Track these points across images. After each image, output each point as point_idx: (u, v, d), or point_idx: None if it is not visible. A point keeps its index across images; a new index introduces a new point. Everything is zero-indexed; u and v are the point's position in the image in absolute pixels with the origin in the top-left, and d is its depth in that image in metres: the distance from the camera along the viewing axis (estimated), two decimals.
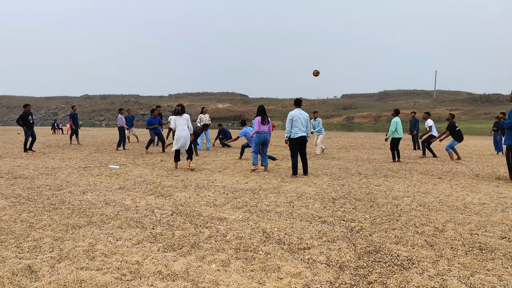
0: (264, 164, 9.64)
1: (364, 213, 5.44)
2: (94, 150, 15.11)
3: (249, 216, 5.22)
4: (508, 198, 6.44)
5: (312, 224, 4.85)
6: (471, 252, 3.88)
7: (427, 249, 3.96)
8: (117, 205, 5.78)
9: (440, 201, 6.19)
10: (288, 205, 5.88)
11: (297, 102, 9.18)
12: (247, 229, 4.60)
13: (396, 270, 3.41)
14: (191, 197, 6.38)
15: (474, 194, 6.77)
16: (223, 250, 3.89)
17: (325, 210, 5.59)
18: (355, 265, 3.53)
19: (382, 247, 4.00)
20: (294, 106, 9.16)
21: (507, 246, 4.07)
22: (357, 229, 4.65)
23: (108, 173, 8.88)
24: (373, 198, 6.43)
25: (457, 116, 74.08)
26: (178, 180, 8.06)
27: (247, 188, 7.24)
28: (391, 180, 8.26)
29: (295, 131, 8.81)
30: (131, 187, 7.27)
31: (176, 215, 5.23)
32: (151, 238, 4.25)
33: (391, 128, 11.79)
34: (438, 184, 7.81)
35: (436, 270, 3.41)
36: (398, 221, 5.00)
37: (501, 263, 3.59)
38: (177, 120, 9.56)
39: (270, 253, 3.81)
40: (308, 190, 7.08)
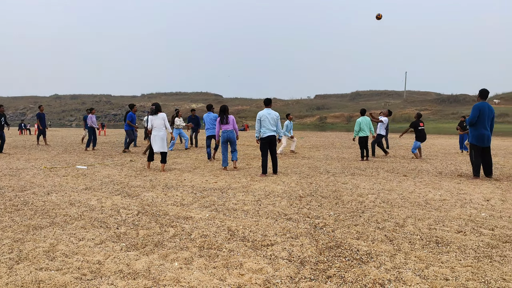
0: (234, 159, 9.89)
1: (329, 210, 5.55)
2: (62, 151, 14.79)
3: (216, 214, 5.25)
4: (468, 194, 6.69)
5: (277, 222, 4.92)
6: (428, 246, 4.02)
7: (386, 243, 4.08)
8: (82, 206, 5.70)
9: (403, 198, 6.38)
10: (256, 203, 5.94)
11: (266, 102, 9.26)
12: (213, 228, 4.62)
13: (355, 264, 3.51)
14: (159, 197, 6.35)
15: (436, 191, 7.00)
16: (186, 249, 3.90)
17: (291, 207, 5.68)
18: (316, 260, 3.61)
19: (343, 242, 4.10)
20: (264, 106, 9.23)
21: (462, 239, 4.24)
22: (320, 226, 4.74)
23: (74, 174, 8.73)
24: (339, 195, 6.56)
25: (426, 116, 76.07)
26: (146, 180, 8.00)
27: (216, 187, 7.26)
28: (358, 178, 8.44)
29: (264, 130, 8.88)
30: (97, 187, 7.17)
31: (142, 215, 5.21)
32: (115, 238, 4.22)
33: (355, 128, 12.10)
34: (402, 181, 8.03)
35: (393, 264, 3.53)
36: (361, 217, 5.13)
37: (455, 255, 3.74)
38: (153, 120, 9.40)
39: (234, 250, 3.85)
40: (276, 188, 7.16)
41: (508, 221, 5.01)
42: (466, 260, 3.62)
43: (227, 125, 9.67)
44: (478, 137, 8.49)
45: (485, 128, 8.46)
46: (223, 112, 9.74)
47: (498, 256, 3.74)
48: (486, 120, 8.43)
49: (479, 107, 8.41)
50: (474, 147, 8.59)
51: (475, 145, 8.55)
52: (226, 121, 9.66)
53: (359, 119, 12.18)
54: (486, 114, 8.42)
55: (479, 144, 8.50)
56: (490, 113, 8.48)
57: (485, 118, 8.41)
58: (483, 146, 8.52)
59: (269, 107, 9.20)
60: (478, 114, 8.39)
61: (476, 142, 8.52)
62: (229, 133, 9.67)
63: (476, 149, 8.56)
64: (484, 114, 8.40)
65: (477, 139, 8.51)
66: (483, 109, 8.39)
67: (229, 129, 9.67)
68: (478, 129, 8.47)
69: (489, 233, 4.45)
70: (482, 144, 8.49)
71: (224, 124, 9.67)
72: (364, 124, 12.10)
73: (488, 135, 8.50)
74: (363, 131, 12.04)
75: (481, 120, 8.42)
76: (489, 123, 8.50)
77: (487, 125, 8.46)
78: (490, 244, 4.08)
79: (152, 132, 9.39)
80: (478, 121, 8.44)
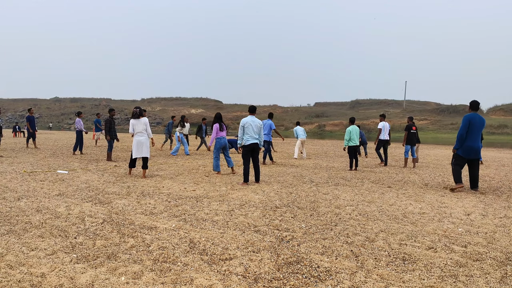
0: (231, 166, 10.26)
1: (301, 222, 5.38)
2: (49, 154, 14.63)
3: (183, 225, 5.08)
4: (448, 208, 6.52)
5: (244, 234, 4.75)
6: (393, 263, 3.85)
7: (350, 259, 3.91)
8: (47, 213, 5.54)
9: (381, 211, 6.21)
10: (228, 213, 5.77)
11: (251, 109, 9.17)
12: (175, 239, 4.45)
13: (311, 282, 3.34)
14: (130, 205, 6.19)
15: (417, 204, 6.83)
16: (140, 261, 3.73)
17: (263, 218, 5.51)
18: (271, 277, 3.44)
19: (305, 257, 3.93)
20: (248, 113, 9.12)
21: (431, 256, 4.07)
22: (287, 239, 4.57)
23: (53, 179, 8.56)
24: (316, 206, 6.39)
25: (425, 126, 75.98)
26: (124, 186, 7.83)
27: (192, 195, 7.09)
28: (341, 188, 8.27)
29: (247, 138, 8.76)
30: (71, 193, 7.00)
31: (107, 224, 5.04)
32: (68, 248, 4.05)
33: (345, 137, 11.96)
34: (385, 193, 7.86)
35: (352, 282, 3.36)
36: (332, 231, 4.96)
37: (419, 274, 3.57)
38: (136, 124, 9.24)
39: (188, 264, 3.68)
40: (254, 198, 6.99)
41: (483, 237, 4.84)
42: (429, 280, 3.45)
43: (223, 132, 9.95)
44: (465, 149, 8.26)
45: (474, 140, 8.18)
46: (219, 119, 9.98)
47: (464, 275, 3.57)
48: (476, 132, 8.18)
49: (469, 118, 8.18)
50: (457, 157, 8.41)
51: (460, 155, 8.36)
52: (224, 128, 9.96)
53: (349, 128, 12.02)
54: (476, 126, 8.16)
55: (464, 156, 8.31)
56: (481, 125, 8.22)
57: (474, 130, 8.17)
58: (469, 158, 8.33)
59: (254, 114, 9.07)
60: (468, 125, 8.15)
61: (461, 154, 8.32)
62: (225, 140, 10.02)
63: (459, 159, 8.36)
64: (474, 126, 8.15)
65: (463, 150, 8.28)
66: (473, 120, 8.15)
67: (225, 136, 10.01)
68: (467, 141, 8.21)
69: (460, 250, 4.28)
70: (468, 156, 8.30)
71: (221, 131, 9.92)
72: (354, 133, 11.94)
73: (476, 148, 8.23)
74: (353, 140, 11.89)
75: (471, 132, 8.17)
76: (478, 135, 8.24)
77: (476, 138, 8.18)
78: (459, 262, 3.91)
79: (134, 137, 9.24)
80: (468, 132, 8.19)
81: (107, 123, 13.05)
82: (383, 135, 13.57)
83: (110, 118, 13.22)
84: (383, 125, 13.59)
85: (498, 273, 3.65)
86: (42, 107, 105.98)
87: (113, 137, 13.10)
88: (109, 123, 13.08)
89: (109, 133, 12.94)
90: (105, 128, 13.05)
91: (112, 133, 13.05)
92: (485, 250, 4.32)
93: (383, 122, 13.68)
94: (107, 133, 12.96)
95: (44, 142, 21.61)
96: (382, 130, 13.57)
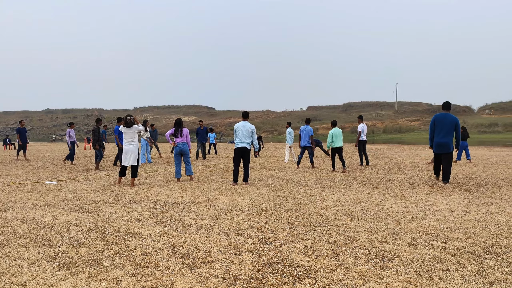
0: (188, 174, 10.10)
1: (285, 224, 5.44)
2: (39, 166, 14.59)
3: (167, 230, 5.11)
4: (433, 206, 6.61)
5: (228, 237, 4.79)
6: (372, 260, 3.91)
7: (330, 258, 3.97)
8: (33, 223, 5.55)
9: (366, 210, 6.28)
10: (213, 218, 5.81)
11: (244, 115, 9.68)
12: (158, 244, 4.49)
13: (289, 281, 3.39)
14: (117, 213, 6.21)
15: (402, 203, 6.91)
16: (122, 267, 3.76)
17: (248, 222, 5.55)
18: (251, 277, 3.49)
19: (286, 258, 3.98)
20: (242, 118, 9.49)
21: (410, 253, 4.14)
22: (270, 241, 4.62)
23: (40, 190, 8.56)
24: (302, 208, 6.45)
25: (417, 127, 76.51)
26: (111, 195, 7.85)
27: (180, 202, 7.13)
28: (328, 190, 8.34)
29: (237, 141, 9.33)
30: (58, 203, 7.01)
31: (91, 232, 5.06)
32: (51, 257, 4.07)
33: (328, 140, 12.09)
34: (372, 193, 7.94)
35: (329, 280, 3.42)
36: (315, 231, 5.02)
37: (396, 270, 3.64)
38: (126, 132, 9.29)
39: (170, 268, 3.72)
40: (241, 202, 7.04)
41: (464, 233, 4.92)
42: (406, 275, 3.51)
43: (181, 138, 9.97)
44: (435, 145, 9.41)
45: (441, 137, 9.23)
46: (178, 125, 10.06)
47: (440, 270, 3.64)
48: (443, 130, 9.20)
49: (433, 118, 9.52)
50: (435, 154, 9.62)
51: (434, 151, 9.55)
52: (180, 134, 9.97)
53: (331, 131, 12.14)
54: (442, 124, 9.22)
55: (435, 151, 9.46)
56: (450, 123, 9.18)
57: (440, 128, 9.24)
58: (438, 153, 9.41)
59: (246, 119, 9.51)
60: (432, 124, 9.48)
61: (434, 149, 9.50)
62: (182, 146, 9.99)
63: (434, 155, 9.64)
64: (439, 124, 9.26)
65: (434, 146, 9.45)
66: (439, 120, 9.29)
67: (183, 142, 9.99)
68: (435, 138, 9.38)
69: (440, 246, 4.36)
70: (438, 151, 9.40)
71: (178, 137, 9.98)
72: (336, 135, 12.04)
73: (443, 143, 9.20)
74: (336, 142, 12.01)
75: (437, 130, 9.31)
76: (447, 132, 9.17)
77: (444, 135, 9.20)
78: (437, 257, 3.98)
79: (124, 146, 9.26)
80: (435, 131, 9.37)
81: (95, 133, 13.10)
82: (362, 136, 13.80)
83: (97, 127, 13.25)
84: (362, 127, 13.84)
85: (475, 267, 3.72)
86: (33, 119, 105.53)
87: (101, 146, 13.14)
88: (97, 133, 13.11)
89: (97, 143, 12.97)
90: (93, 138, 13.07)
91: (101, 142, 13.10)
92: (464, 245, 4.39)
93: (362, 124, 13.99)
94: (95, 142, 12.99)
95: (34, 154, 21.52)
96: (362, 132, 13.79)
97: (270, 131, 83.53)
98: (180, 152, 10.03)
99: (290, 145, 16.01)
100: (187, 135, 10.12)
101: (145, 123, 15.82)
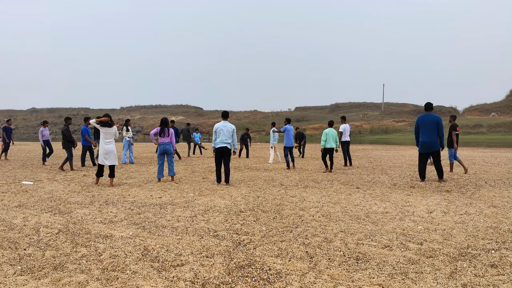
0: (171, 174, 10.03)
1: (262, 225, 5.34)
2: (18, 166, 14.27)
3: (140, 232, 4.98)
4: (412, 207, 6.58)
5: (202, 239, 4.68)
6: (346, 263, 3.84)
7: (304, 261, 3.89)
8: (2, 225, 5.36)
9: (345, 211, 6.22)
10: (189, 219, 5.69)
11: (224, 115, 9.56)
12: (129, 247, 4.36)
13: (259, 285, 3.30)
14: (91, 214, 6.05)
15: (382, 203, 6.87)
16: (88, 271, 3.63)
17: (225, 223, 5.45)
18: (220, 281, 3.39)
19: (258, 261, 3.89)
20: (222, 118, 9.36)
21: (385, 255, 4.08)
22: (245, 243, 4.53)
23: (15, 190, 8.33)
24: (281, 209, 6.37)
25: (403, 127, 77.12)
26: (88, 196, 7.67)
27: (157, 202, 6.99)
28: (309, 190, 8.28)
29: (217, 142, 9.20)
30: (31, 204, 6.82)
31: (61, 234, 4.91)
32: (15, 260, 3.91)
33: (322, 138, 12.02)
34: (353, 194, 7.89)
35: (300, 283, 3.33)
36: (292, 233, 4.94)
37: (369, 273, 3.57)
38: (106, 132, 9.09)
39: (137, 272, 3.59)
40: (220, 203, 6.93)
41: (441, 234, 4.89)
42: (378, 278, 3.44)
43: (166, 138, 9.85)
44: (421, 145, 9.63)
45: (426, 136, 9.50)
46: (164, 124, 9.93)
47: (414, 272, 3.58)
48: (427, 129, 9.47)
49: (417, 120, 9.79)
50: (419, 154, 9.78)
51: (419, 152, 9.72)
52: (167, 134, 9.86)
53: (326, 130, 12.07)
54: (426, 124, 9.48)
55: (421, 151, 9.66)
56: (432, 123, 9.44)
57: (425, 128, 9.50)
58: (424, 152, 9.64)
59: (226, 119, 9.37)
60: (416, 125, 9.75)
61: (420, 149, 9.69)
62: (166, 145, 9.88)
63: (420, 156, 9.76)
64: (423, 124, 9.53)
65: (420, 146, 9.65)
66: (422, 120, 9.58)
67: (166, 142, 9.87)
68: (421, 138, 9.62)
69: (415, 248, 4.31)
70: (424, 151, 9.62)
71: (162, 137, 9.84)
72: (330, 135, 11.97)
73: (429, 142, 9.46)
74: (329, 142, 11.93)
75: (422, 130, 9.57)
76: (431, 131, 9.43)
77: (428, 134, 9.46)
78: (412, 259, 3.92)
79: (103, 145, 9.07)
80: (420, 131, 9.64)
81: (68, 132, 12.68)
82: (344, 137, 13.82)
83: (67, 126, 12.88)
84: (344, 128, 13.85)
85: (448, 269, 3.67)
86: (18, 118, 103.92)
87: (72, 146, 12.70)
88: (68, 132, 12.73)
89: (70, 142, 12.60)
90: (69, 137, 12.67)
91: (72, 142, 12.70)
92: (440, 247, 4.35)
93: (344, 124, 14.02)
94: (74, 141, 12.64)
95: (15, 154, 21.10)
96: (344, 132, 13.83)
97: (258, 131, 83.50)
98: (164, 152, 9.91)
99: (275, 145, 15.93)
100: (173, 135, 9.99)
101: (127, 122, 15.62)
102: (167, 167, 11.08)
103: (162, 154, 9.92)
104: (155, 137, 9.99)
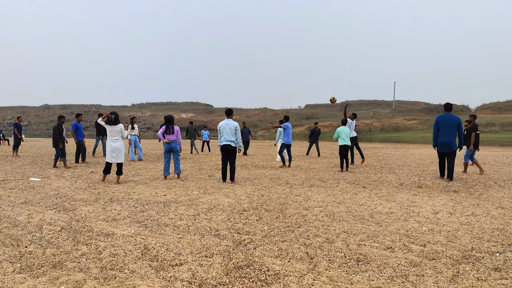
0: (177, 172, 10.04)
1: (264, 224, 5.31)
2: (28, 162, 14.41)
3: (142, 231, 4.98)
4: (418, 207, 6.50)
5: (203, 238, 4.67)
6: (346, 264, 3.80)
7: (303, 262, 3.85)
8: (6, 222, 5.41)
9: (349, 211, 6.16)
10: (192, 218, 5.68)
11: (227, 112, 9.58)
12: (129, 245, 4.36)
13: (256, 286, 3.27)
14: (95, 211, 6.07)
15: (387, 203, 6.79)
16: (86, 270, 3.63)
17: (227, 222, 5.43)
18: (217, 282, 3.37)
19: (257, 261, 3.86)
20: (225, 116, 9.40)
21: (387, 256, 4.02)
22: (246, 242, 4.50)
23: (23, 187, 8.41)
24: (284, 208, 6.33)
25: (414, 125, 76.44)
26: (94, 193, 7.71)
27: (161, 200, 7.00)
28: (315, 190, 8.22)
29: (221, 140, 9.26)
30: (37, 201, 6.87)
31: (64, 231, 4.93)
32: (15, 258, 3.94)
33: (334, 135, 11.95)
34: (358, 193, 7.82)
35: (298, 285, 3.30)
36: (293, 233, 4.90)
37: (369, 275, 3.52)
38: (111, 130, 9.13)
39: (135, 272, 3.59)
40: (224, 201, 6.91)
41: (445, 235, 4.81)
42: (378, 281, 3.39)
43: (172, 135, 9.81)
44: (439, 144, 9.74)
45: (445, 137, 9.58)
46: (168, 122, 9.86)
47: (415, 275, 3.52)
48: (446, 129, 9.52)
49: (436, 119, 9.84)
50: (438, 153, 9.94)
51: (438, 151, 9.87)
52: (172, 131, 9.81)
53: (339, 128, 11.93)
54: (445, 124, 9.57)
55: (439, 150, 9.81)
56: (453, 124, 9.48)
57: (444, 128, 9.57)
58: (442, 152, 9.76)
59: (230, 117, 9.42)
60: (436, 124, 9.79)
61: (438, 149, 9.84)
62: (172, 143, 9.84)
63: (438, 154, 9.95)
64: (442, 125, 9.62)
65: (438, 146, 9.77)
66: (442, 120, 9.65)
67: (173, 139, 9.83)
68: (439, 138, 9.70)
69: (418, 250, 4.24)
70: (441, 150, 9.75)
71: (168, 134, 9.80)
72: (343, 133, 11.81)
73: (447, 142, 9.54)
74: (342, 139, 11.79)
75: (441, 130, 9.64)
76: (450, 132, 9.51)
77: (447, 134, 9.55)
78: (413, 262, 3.86)
79: (110, 143, 9.11)
80: (439, 130, 9.60)
81: (57, 131, 12.62)
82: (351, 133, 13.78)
83: (59, 125, 12.85)
84: (350, 124, 13.76)
85: (450, 272, 3.61)
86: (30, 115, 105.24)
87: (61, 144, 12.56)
88: (59, 131, 12.68)
89: (60, 140, 12.60)
90: (55, 136, 12.61)
91: (63, 140, 12.70)
92: (443, 249, 4.28)
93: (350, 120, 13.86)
94: (59, 140, 12.59)
95: (26, 150, 21.34)
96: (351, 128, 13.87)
97: (268, 129, 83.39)
98: (170, 150, 9.90)
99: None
100: (178, 132, 9.95)
101: (132, 120, 15.72)
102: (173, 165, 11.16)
103: (168, 152, 9.91)
104: (163, 136, 9.91)
